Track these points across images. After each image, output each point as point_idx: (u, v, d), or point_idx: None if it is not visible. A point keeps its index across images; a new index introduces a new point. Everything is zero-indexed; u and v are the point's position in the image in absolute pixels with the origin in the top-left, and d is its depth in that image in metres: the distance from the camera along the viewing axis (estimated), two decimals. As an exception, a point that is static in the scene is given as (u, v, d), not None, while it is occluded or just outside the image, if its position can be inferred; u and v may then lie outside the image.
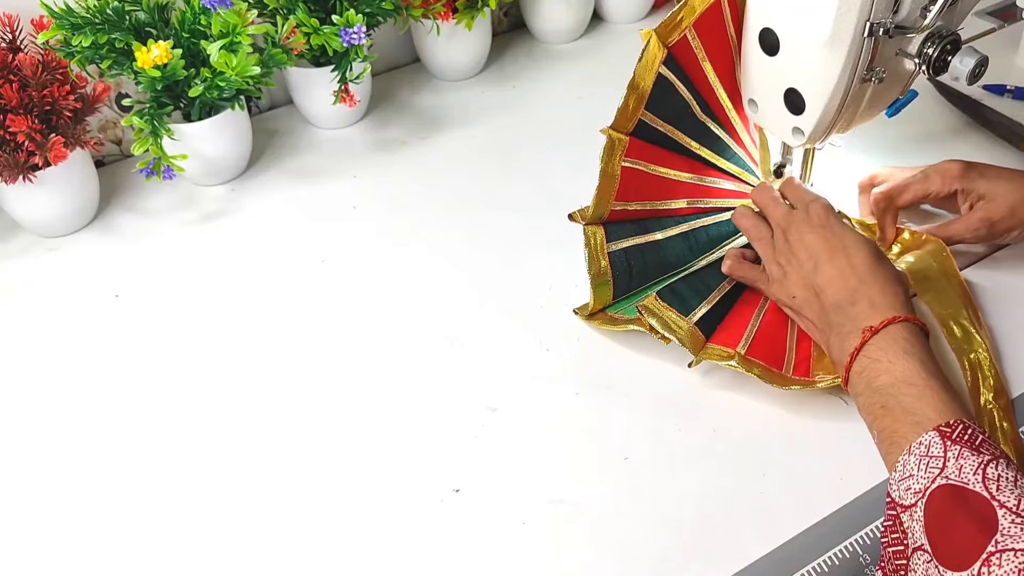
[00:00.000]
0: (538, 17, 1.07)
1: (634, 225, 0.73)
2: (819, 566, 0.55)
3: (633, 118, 0.70)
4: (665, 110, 0.72)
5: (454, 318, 0.73)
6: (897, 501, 0.51)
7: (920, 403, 0.53)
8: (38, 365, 0.71)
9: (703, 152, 0.75)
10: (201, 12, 0.79)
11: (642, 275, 0.72)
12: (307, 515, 0.59)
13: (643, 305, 0.67)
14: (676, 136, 0.73)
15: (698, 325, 0.67)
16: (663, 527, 0.57)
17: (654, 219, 0.74)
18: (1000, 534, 0.45)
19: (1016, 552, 0.44)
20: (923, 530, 0.48)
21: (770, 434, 0.63)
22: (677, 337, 0.66)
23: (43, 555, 0.58)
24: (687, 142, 0.74)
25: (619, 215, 0.72)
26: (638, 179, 0.72)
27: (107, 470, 0.63)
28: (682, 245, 0.73)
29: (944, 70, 0.64)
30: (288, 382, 0.69)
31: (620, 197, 0.71)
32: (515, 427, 0.64)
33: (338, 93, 0.87)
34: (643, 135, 0.71)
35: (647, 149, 0.72)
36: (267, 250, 0.81)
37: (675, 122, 0.73)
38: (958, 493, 0.48)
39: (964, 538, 0.46)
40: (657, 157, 0.73)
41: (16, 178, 0.76)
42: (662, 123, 0.72)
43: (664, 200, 0.74)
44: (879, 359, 0.57)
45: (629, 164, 0.71)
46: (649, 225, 0.73)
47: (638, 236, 0.72)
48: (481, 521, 0.58)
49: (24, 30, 0.79)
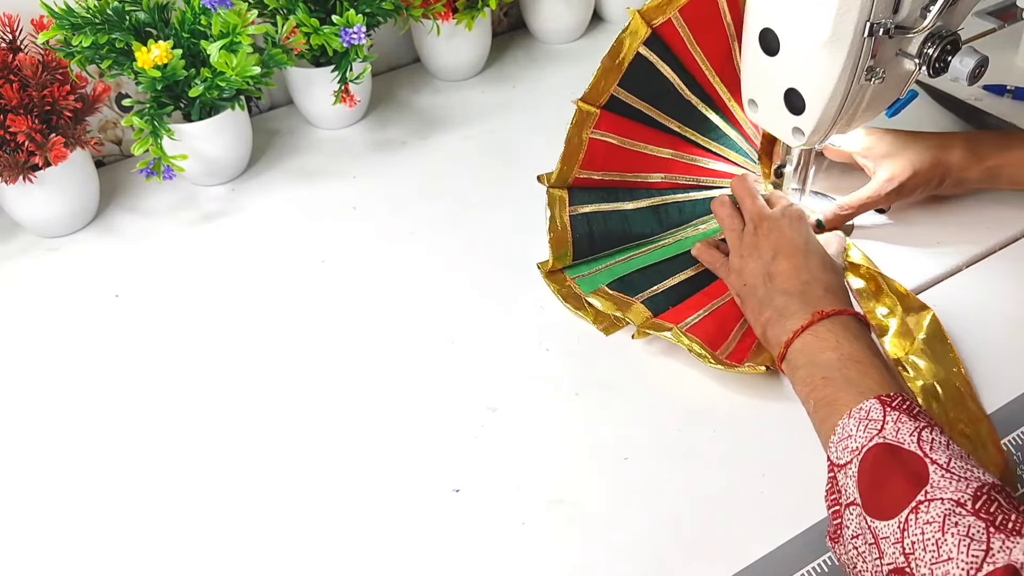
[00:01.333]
0: (538, 17, 1.07)
1: (603, 192, 0.75)
2: (819, 566, 0.55)
3: (605, 93, 0.73)
4: (642, 89, 0.74)
5: (454, 318, 0.73)
6: (834, 461, 0.53)
7: (864, 377, 0.55)
8: (38, 365, 0.71)
9: (686, 132, 0.77)
10: (201, 12, 0.79)
11: (604, 241, 0.75)
12: (307, 515, 0.59)
13: (592, 295, 0.70)
14: (653, 113, 0.75)
15: (645, 304, 0.69)
16: (663, 527, 0.57)
17: (625, 189, 0.76)
18: (930, 486, 0.47)
19: (943, 500, 0.46)
20: (856, 485, 0.50)
21: (770, 434, 0.63)
22: (623, 314, 0.68)
23: (43, 555, 0.58)
24: (665, 120, 0.76)
25: (584, 183, 0.75)
26: (607, 151, 0.75)
27: (107, 470, 0.63)
28: (651, 219, 0.75)
29: (944, 70, 0.64)
30: (288, 382, 0.69)
31: (586, 166, 0.74)
32: (515, 427, 0.64)
33: (338, 93, 0.87)
34: (617, 109, 0.74)
35: (620, 123, 0.74)
36: (267, 250, 0.81)
37: (654, 101, 0.75)
38: (893, 451, 0.50)
39: (895, 490, 0.48)
40: (631, 131, 0.75)
41: (16, 178, 0.76)
42: (637, 100, 0.74)
43: (638, 172, 0.77)
44: (826, 338, 0.59)
45: (598, 136, 0.74)
46: (620, 194, 0.75)
47: (604, 203, 0.75)
48: (481, 521, 0.58)
49: (24, 30, 0.79)
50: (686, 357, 0.66)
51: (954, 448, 0.49)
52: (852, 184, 0.77)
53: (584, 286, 0.73)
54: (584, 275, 0.74)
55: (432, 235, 0.82)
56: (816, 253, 0.66)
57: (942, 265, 0.75)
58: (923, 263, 0.75)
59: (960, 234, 0.77)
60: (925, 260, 0.75)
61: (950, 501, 0.46)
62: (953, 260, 0.75)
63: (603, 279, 0.73)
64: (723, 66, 0.75)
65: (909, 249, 0.76)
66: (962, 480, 0.46)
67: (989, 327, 0.69)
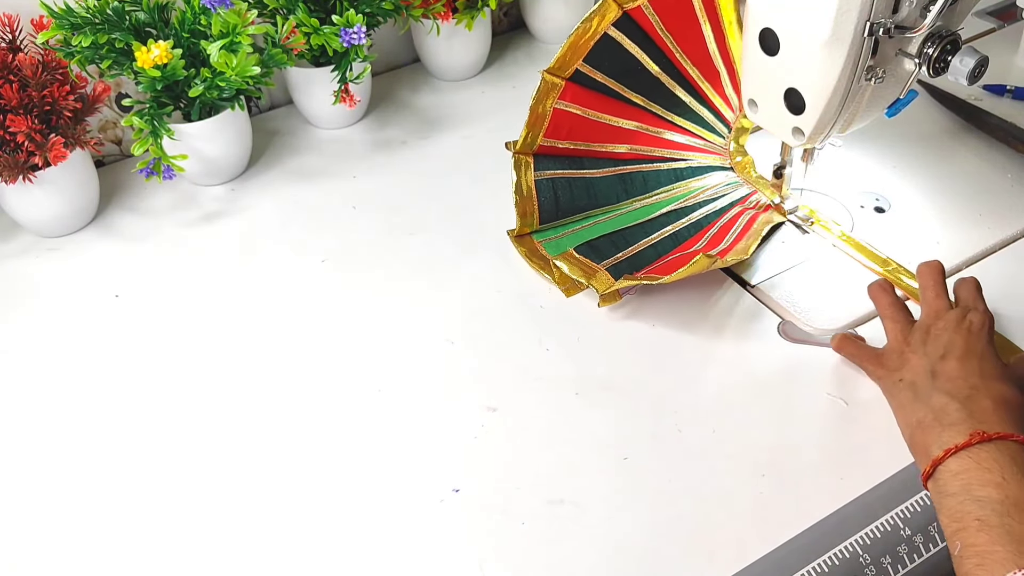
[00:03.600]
0: (538, 17, 1.07)
1: (568, 160, 0.78)
2: (819, 566, 0.55)
3: (570, 67, 0.76)
4: (608, 65, 0.77)
5: (454, 318, 0.73)
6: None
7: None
8: (38, 365, 0.71)
9: (651, 106, 0.80)
10: (201, 12, 0.79)
11: (570, 206, 0.77)
12: (307, 515, 0.59)
13: (559, 257, 0.72)
14: (618, 88, 0.78)
15: (610, 272, 0.71)
16: (663, 527, 0.57)
17: (590, 158, 0.79)
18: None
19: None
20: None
21: (770, 434, 0.62)
22: (587, 281, 0.70)
23: (42, 555, 0.58)
24: (630, 94, 0.79)
25: (549, 151, 0.78)
26: (571, 120, 0.78)
27: (107, 470, 0.63)
28: (617, 186, 0.78)
29: (944, 70, 0.64)
30: (288, 382, 0.69)
31: (550, 135, 0.77)
32: (515, 427, 0.64)
33: (338, 93, 0.87)
34: (581, 82, 0.77)
35: (585, 94, 0.77)
36: (267, 250, 0.81)
37: (619, 77, 0.78)
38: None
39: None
40: (595, 103, 0.78)
41: (16, 178, 0.76)
42: (602, 75, 0.77)
43: (602, 143, 0.80)
44: (990, 469, 0.50)
45: (562, 107, 0.77)
46: (585, 163, 0.79)
47: (569, 170, 0.78)
48: (481, 521, 0.58)
49: (24, 30, 0.79)
50: (686, 357, 0.66)
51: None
52: (853, 183, 0.77)
53: (551, 249, 0.75)
54: (551, 239, 0.76)
55: (432, 235, 0.81)
56: (993, 357, 0.58)
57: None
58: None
59: (959, 234, 0.77)
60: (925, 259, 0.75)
61: None
62: (953, 260, 0.75)
63: (569, 243, 0.75)
64: (694, 50, 0.79)
65: (908, 249, 0.76)
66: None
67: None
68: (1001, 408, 0.54)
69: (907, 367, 0.59)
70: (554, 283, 0.73)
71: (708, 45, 0.78)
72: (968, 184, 0.82)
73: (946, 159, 0.85)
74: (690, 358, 0.66)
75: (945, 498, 0.51)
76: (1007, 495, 0.49)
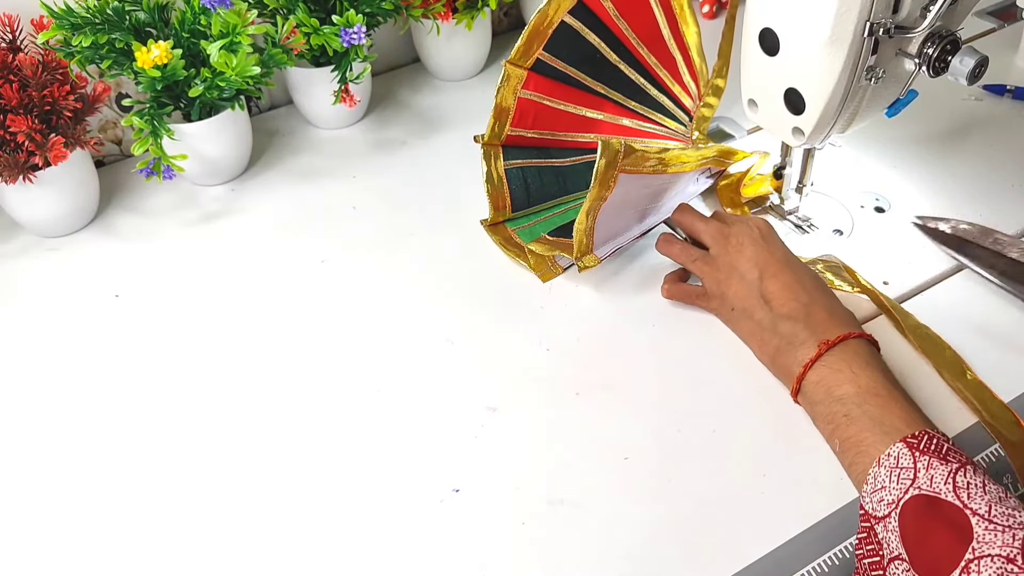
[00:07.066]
0: (538, 17, 1.07)
1: (537, 150, 0.79)
2: (819, 566, 0.55)
3: (531, 56, 0.77)
4: (567, 54, 0.78)
5: (454, 318, 0.73)
6: (871, 513, 0.52)
7: (887, 414, 0.54)
8: (38, 365, 0.71)
9: (612, 95, 0.81)
10: (201, 12, 0.79)
11: (540, 194, 0.79)
12: (307, 515, 0.59)
13: (533, 243, 0.73)
14: (579, 77, 0.79)
15: None
16: (663, 527, 0.57)
17: (557, 148, 0.80)
18: (976, 541, 0.46)
19: (993, 557, 0.46)
20: (899, 540, 0.50)
21: (770, 434, 0.62)
22: (561, 251, 0.71)
23: (42, 555, 0.58)
24: (592, 83, 0.80)
25: (516, 140, 0.79)
26: (536, 110, 0.79)
27: (107, 470, 0.63)
28: (586, 173, 0.79)
29: (944, 70, 0.64)
30: (288, 382, 0.69)
31: (516, 124, 0.78)
32: (515, 427, 0.64)
33: (338, 93, 0.87)
34: (543, 72, 0.78)
35: (547, 84, 0.79)
36: (267, 250, 0.81)
37: (579, 65, 0.79)
38: (931, 503, 0.49)
39: (941, 547, 0.48)
40: (558, 92, 0.79)
41: (16, 178, 0.76)
42: (563, 64, 0.78)
43: (568, 132, 0.81)
44: (841, 369, 0.58)
45: (527, 96, 0.78)
46: (552, 152, 0.80)
47: (537, 159, 0.79)
48: (481, 521, 0.58)
49: (24, 30, 0.79)
50: (686, 357, 0.66)
51: (991, 489, 0.49)
52: (851, 183, 0.77)
53: (524, 236, 0.76)
54: (524, 227, 0.77)
55: (432, 235, 0.82)
56: (801, 267, 0.65)
57: (942, 264, 0.75)
58: (920, 264, 0.75)
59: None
60: (923, 260, 0.75)
61: (999, 558, 0.45)
62: (953, 260, 0.75)
63: (542, 229, 0.76)
64: (649, 36, 0.80)
65: (905, 249, 0.76)
66: (1007, 531, 0.46)
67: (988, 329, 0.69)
68: (834, 314, 0.61)
69: (730, 294, 0.65)
70: (530, 269, 0.75)
71: (662, 30, 0.80)
72: (968, 184, 0.82)
73: (946, 159, 0.85)
74: (690, 358, 0.66)
75: (815, 406, 0.59)
76: (859, 387, 0.56)
